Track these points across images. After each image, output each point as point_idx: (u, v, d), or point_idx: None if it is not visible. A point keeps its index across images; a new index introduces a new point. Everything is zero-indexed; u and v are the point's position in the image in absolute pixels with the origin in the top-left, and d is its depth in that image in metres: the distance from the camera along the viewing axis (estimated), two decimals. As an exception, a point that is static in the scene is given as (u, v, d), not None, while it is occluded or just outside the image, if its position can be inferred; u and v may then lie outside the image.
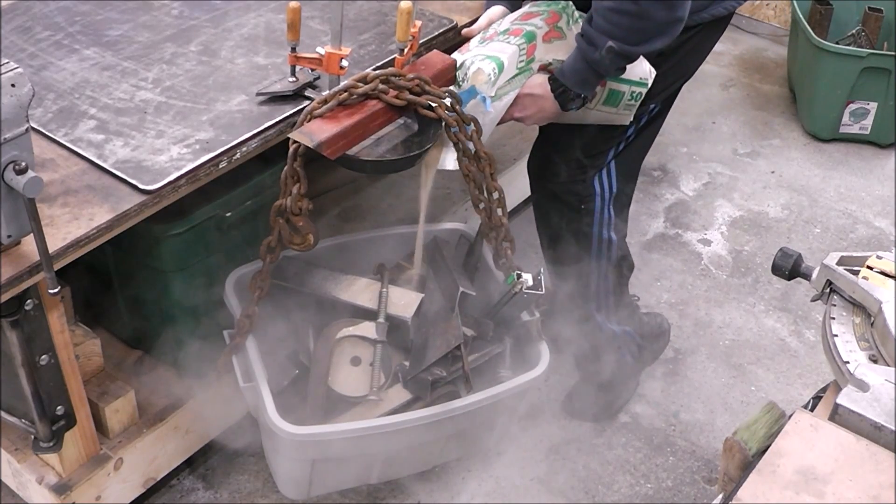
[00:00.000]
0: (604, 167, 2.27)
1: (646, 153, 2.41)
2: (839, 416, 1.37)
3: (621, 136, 2.23)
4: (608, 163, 2.27)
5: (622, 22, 1.85)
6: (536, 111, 2.04)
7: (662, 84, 2.12)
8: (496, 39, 2.02)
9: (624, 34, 1.87)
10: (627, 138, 2.25)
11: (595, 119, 2.13)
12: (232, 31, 2.21)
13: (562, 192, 2.29)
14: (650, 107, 2.19)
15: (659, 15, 1.85)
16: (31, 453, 2.04)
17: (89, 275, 2.13)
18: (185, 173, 1.81)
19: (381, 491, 2.37)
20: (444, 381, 2.07)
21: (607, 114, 2.11)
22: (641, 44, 1.90)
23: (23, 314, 1.71)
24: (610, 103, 2.08)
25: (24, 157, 1.51)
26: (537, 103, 2.02)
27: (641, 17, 1.85)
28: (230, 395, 2.24)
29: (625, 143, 2.26)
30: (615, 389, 2.59)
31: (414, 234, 2.39)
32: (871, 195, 3.51)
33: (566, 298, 2.35)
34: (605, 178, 2.29)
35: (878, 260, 1.64)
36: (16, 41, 2.13)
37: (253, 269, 2.08)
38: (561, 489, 2.42)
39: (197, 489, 2.36)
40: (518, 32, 2.01)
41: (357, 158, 1.88)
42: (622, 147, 2.27)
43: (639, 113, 2.14)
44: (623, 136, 2.23)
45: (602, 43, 1.87)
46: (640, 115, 2.18)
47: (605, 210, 2.33)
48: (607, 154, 2.26)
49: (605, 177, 2.29)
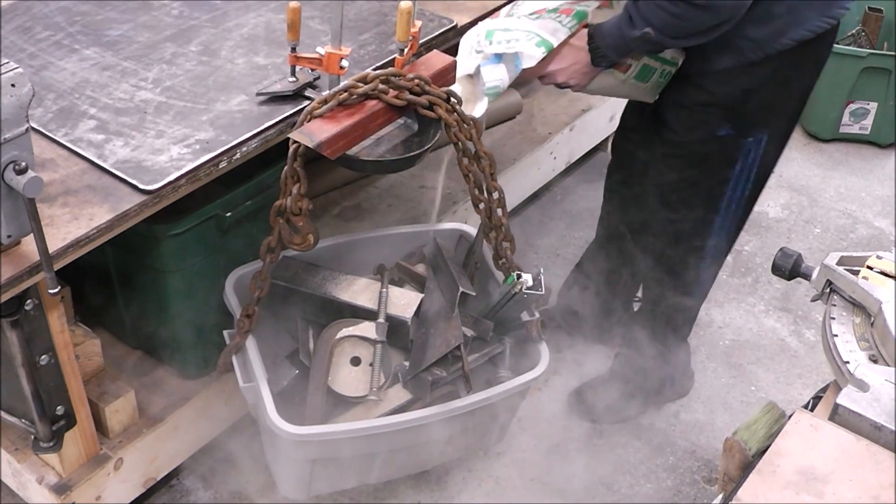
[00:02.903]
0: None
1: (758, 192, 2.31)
2: (839, 416, 1.37)
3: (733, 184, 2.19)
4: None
5: (664, 17, 1.87)
6: (572, 63, 2.03)
7: (753, 119, 2.09)
8: (545, 16, 2.01)
9: (662, 27, 1.88)
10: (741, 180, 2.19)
11: (626, 93, 2.14)
12: (232, 31, 2.21)
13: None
14: (746, 141, 2.12)
15: (701, 20, 1.86)
16: (31, 453, 2.04)
17: (89, 275, 2.13)
18: (185, 173, 1.81)
19: (381, 491, 2.37)
20: (443, 381, 2.07)
21: (637, 89, 2.11)
22: (679, 38, 1.92)
23: (23, 314, 1.71)
24: (641, 78, 2.09)
25: (24, 157, 1.51)
26: (575, 55, 2.01)
27: (683, 18, 1.86)
28: (230, 395, 2.25)
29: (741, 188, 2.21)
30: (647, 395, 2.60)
31: (414, 233, 2.40)
32: (871, 195, 3.51)
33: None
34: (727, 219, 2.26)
35: (878, 260, 1.64)
36: (16, 41, 2.13)
37: (253, 269, 2.08)
38: (561, 489, 2.42)
39: (197, 489, 2.36)
40: (569, 12, 2.02)
41: (357, 158, 1.88)
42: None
43: (734, 156, 2.12)
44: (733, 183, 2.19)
45: (641, 26, 1.89)
46: (742, 153, 2.13)
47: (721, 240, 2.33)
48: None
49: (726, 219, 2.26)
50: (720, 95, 2.06)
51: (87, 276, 2.12)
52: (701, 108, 2.10)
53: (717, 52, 2.00)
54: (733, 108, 2.07)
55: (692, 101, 2.10)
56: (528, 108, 3.20)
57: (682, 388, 2.67)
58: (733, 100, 2.06)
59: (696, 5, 1.83)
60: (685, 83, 2.10)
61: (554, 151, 3.13)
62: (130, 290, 2.16)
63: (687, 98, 2.11)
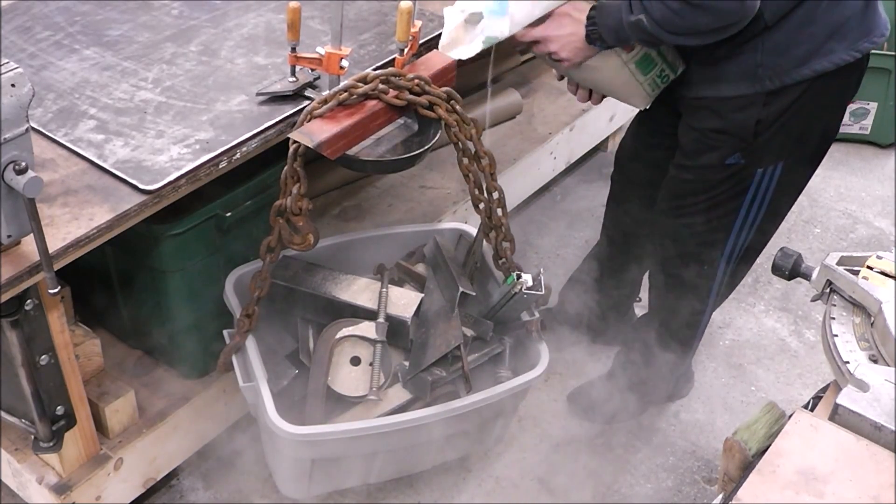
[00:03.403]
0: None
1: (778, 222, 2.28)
2: (839, 416, 1.37)
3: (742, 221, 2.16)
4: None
5: (662, 9, 1.79)
6: (569, 33, 1.92)
7: (765, 150, 2.02)
8: None
9: (660, 19, 1.80)
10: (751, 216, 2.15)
11: (621, 84, 2.03)
12: (232, 31, 2.21)
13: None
14: (757, 171, 2.05)
15: (699, 20, 1.79)
16: (31, 453, 2.04)
17: (89, 275, 2.13)
18: (185, 173, 1.81)
19: (381, 491, 2.37)
20: (443, 381, 2.07)
21: (633, 81, 2.01)
22: (675, 35, 1.84)
23: (23, 314, 1.71)
24: (641, 67, 2.00)
25: (24, 157, 1.51)
26: (574, 26, 1.91)
27: (679, 14, 1.78)
28: (230, 395, 2.25)
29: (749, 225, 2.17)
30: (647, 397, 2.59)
31: (414, 233, 2.40)
32: (871, 195, 3.51)
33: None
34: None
35: (878, 260, 1.64)
36: (16, 41, 2.13)
37: (253, 269, 2.08)
38: (561, 489, 2.42)
39: (197, 489, 2.36)
40: None
41: (357, 158, 1.88)
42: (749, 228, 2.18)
43: (745, 184, 2.07)
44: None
45: (637, 12, 1.82)
46: (754, 184, 2.08)
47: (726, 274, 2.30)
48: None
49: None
50: (733, 123, 1.99)
51: (87, 276, 2.12)
52: (714, 134, 2.03)
53: (735, 78, 1.94)
54: (744, 138, 2.00)
55: (705, 126, 2.04)
56: (528, 108, 3.20)
57: (681, 390, 2.67)
58: (745, 130, 1.98)
59: (692, 4, 1.76)
60: (702, 107, 2.04)
61: (554, 151, 3.13)
62: (130, 290, 2.16)
63: (701, 122, 2.05)
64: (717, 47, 1.90)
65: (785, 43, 1.89)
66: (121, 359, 2.27)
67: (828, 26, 1.89)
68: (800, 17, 1.87)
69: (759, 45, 1.89)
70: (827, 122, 2.10)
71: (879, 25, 1.96)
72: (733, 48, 1.91)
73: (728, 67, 1.94)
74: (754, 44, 1.90)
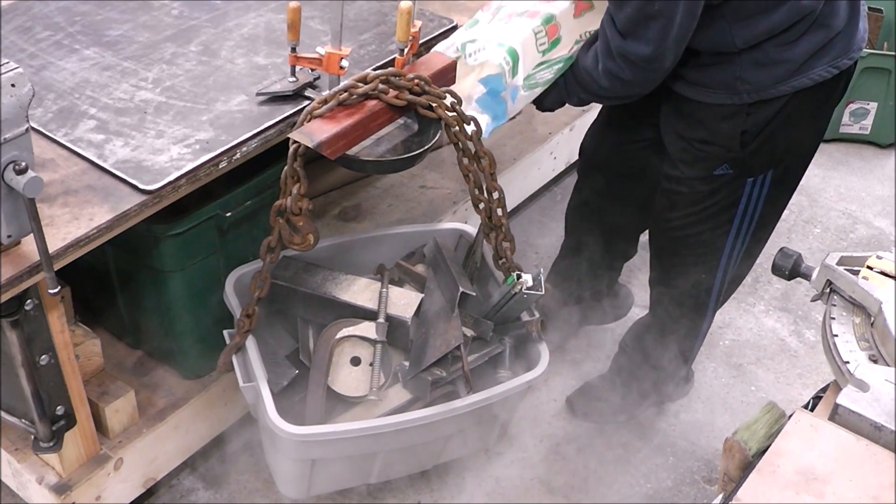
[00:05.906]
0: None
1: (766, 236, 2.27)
2: (839, 416, 1.37)
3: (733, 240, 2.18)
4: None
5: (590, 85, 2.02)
6: None
7: (754, 160, 2.02)
8: (513, 21, 2.01)
9: (585, 95, 2.08)
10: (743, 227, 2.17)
11: None
12: (232, 31, 2.21)
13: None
14: (747, 181, 2.05)
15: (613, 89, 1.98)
16: (31, 453, 2.04)
17: (89, 275, 2.13)
18: (185, 173, 1.81)
19: (381, 491, 2.37)
20: (443, 381, 2.07)
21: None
22: (595, 98, 2.10)
23: (23, 314, 1.71)
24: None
25: (24, 157, 1.51)
26: None
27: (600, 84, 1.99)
28: (230, 395, 2.25)
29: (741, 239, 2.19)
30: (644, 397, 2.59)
31: (414, 233, 2.40)
32: (871, 195, 3.51)
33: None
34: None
35: (878, 260, 1.64)
36: (16, 41, 2.13)
37: (253, 269, 2.08)
38: (561, 489, 2.42)
39: (197, 489, 2.36)
40: (535, 15, 2.01)
41: (357, 158, 1.88)
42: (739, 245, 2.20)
43: (737, 195, 2.08)
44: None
45: (574, 93, 2.11)
46: (745, 195, 2.09)
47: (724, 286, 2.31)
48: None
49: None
50: (719, 134, 1.99)
51: (87, 276, 2.12)
52: (700, 144, 2.03)
53: (716, 86, 1.94)
54: (731, 149, 1.99)
55: (692, 137, 2.04)
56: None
57: (681, 390, 2.67)
58: (731, 140, 1.98)
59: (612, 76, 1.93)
60: (688, 115, 2.03)
61: (554, 151, 3.13)
62: (130, 290, 2.16)
63: (688, 132, 2.05)
64: (700, 54, 1.92)
65: (763, 61, 1.88)
66: (121, 359, 2.27)
67: (810, 48, 1.88)
68: (781, 40, 1.86)
69: (737, 59, 1.89)
70: (816, 130, 2.09)
71: (858, 39, 1.95)
72: (713, 56, 1.92)
73: (711, 73, 1.94)
74: (730, 58, 1.90)
